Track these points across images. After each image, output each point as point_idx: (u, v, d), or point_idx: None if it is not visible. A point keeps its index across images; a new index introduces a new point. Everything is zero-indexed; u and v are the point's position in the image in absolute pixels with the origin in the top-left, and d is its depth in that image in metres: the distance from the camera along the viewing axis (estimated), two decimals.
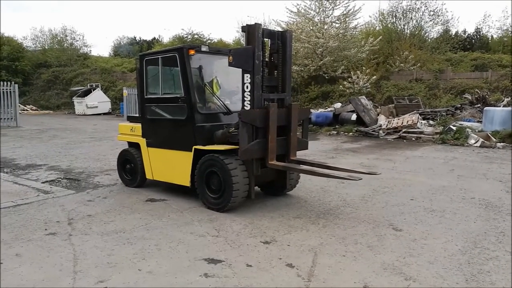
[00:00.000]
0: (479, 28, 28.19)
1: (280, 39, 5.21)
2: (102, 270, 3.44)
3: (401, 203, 5.56)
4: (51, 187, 6.41)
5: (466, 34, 27.70)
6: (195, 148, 5.28)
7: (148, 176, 6.18)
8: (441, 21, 23.27)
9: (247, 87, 4.95)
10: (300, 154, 5.61)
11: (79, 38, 35.08)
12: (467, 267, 3.54)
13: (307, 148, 5.76)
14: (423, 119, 14.40)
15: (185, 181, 5.48)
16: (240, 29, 5.50)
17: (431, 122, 14.11)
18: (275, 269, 3.48)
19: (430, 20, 22.95)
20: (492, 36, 26.82)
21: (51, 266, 3.52)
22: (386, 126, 13.68)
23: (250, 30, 4.92)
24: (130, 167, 6.45)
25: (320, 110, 17.10)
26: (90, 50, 36.58)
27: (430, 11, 22.62)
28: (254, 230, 4.44)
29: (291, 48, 5.38)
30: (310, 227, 4.56)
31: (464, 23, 50.31)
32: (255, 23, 4.91)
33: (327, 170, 5.11)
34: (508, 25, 25.87)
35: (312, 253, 3.80)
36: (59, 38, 34.33)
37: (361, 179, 4.79)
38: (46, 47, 34.43)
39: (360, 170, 5.25)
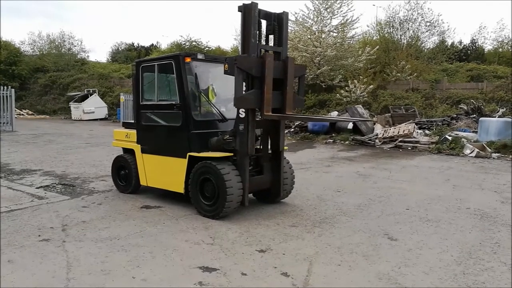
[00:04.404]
0: (474, 39, 28.53)
1: (276, 21, 5.25)
2: (96, 277, 3.40)
3: (396, 213, 5.56)
4: (45, 193, 6.37)
5: (462, 45, 27.98)
6: (189, 155, 5.27)
7: (142, 182, 6.15)
8: (437, 31, 23.61)
9: None
10: (296, 162, 5.60)
11: (77, 44, 35.17)
12: (462, 277, 3.53)
13: (303, 106, 5.65)
14: (419, 128, 14.46)
15: (179, 187, 5.47)
16: (237, 37, 5.55)
17: (427, 131, 14.16)
18: (270, 277, 3.46)
19: (427, 31, 23.26)
20: (483, 49, 27.05)
21: (44, 272, 3.48)
22: (382, 135, 13.71)
23: (246, 10, 4.87)
24: (124, 173, 6.42)
25: None
26: (88, 56, 36.64)
27: (427, 21, 22.90)
28: (249, 238, 4.42)
29: (288, 28, 5.42)
30: (306, 235, 4.54)
31: (460, 34, 50.83)
32: (252, 2, 4.83)
33: (321, 117, 5.22)
34: (503, 37, 26.20)
35: (307, 262, 3.79)
36: (57, 43, 34.33)
37: (353, 122, 4.90)
38: (44, 52, 34.37)
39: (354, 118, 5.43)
